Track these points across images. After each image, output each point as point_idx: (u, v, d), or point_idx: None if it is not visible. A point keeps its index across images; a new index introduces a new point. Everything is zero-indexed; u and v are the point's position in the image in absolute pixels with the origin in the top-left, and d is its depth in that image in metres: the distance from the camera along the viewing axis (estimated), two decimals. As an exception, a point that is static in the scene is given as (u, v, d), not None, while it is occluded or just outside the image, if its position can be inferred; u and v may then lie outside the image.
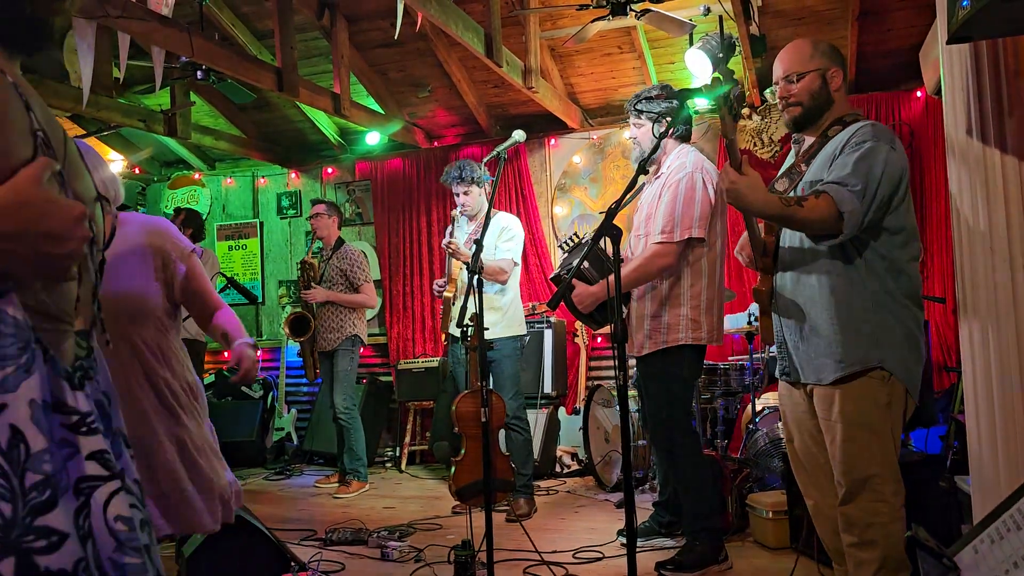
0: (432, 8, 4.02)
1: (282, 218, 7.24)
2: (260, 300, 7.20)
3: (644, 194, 3.47)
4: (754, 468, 3.90)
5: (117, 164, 7.25)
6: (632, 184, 2.59)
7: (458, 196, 4.41)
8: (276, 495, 5.26)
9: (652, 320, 3.27)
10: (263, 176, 7.33)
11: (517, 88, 5.18)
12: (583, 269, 3.15)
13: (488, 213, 3.37)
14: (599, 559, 3.42)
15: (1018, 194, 2.27)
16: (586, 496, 4.77)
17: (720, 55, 4.56)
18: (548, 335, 5.60)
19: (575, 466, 5.44)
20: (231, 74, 4.64)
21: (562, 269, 3.32)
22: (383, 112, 6.16)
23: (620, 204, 2.37)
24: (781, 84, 2.30)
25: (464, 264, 4.08)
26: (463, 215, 4.49)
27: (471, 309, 3.10)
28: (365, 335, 5.24)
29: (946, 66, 2.48)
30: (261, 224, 7.29)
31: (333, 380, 5.08)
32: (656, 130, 3.30)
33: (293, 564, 2.98)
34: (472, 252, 3.05)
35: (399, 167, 6.73)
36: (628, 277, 3.21)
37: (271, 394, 6.55)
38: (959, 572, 1.75)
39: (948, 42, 2.16)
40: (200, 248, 2.88)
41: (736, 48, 4.73)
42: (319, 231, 5.25)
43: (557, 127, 6.21)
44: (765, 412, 4.32)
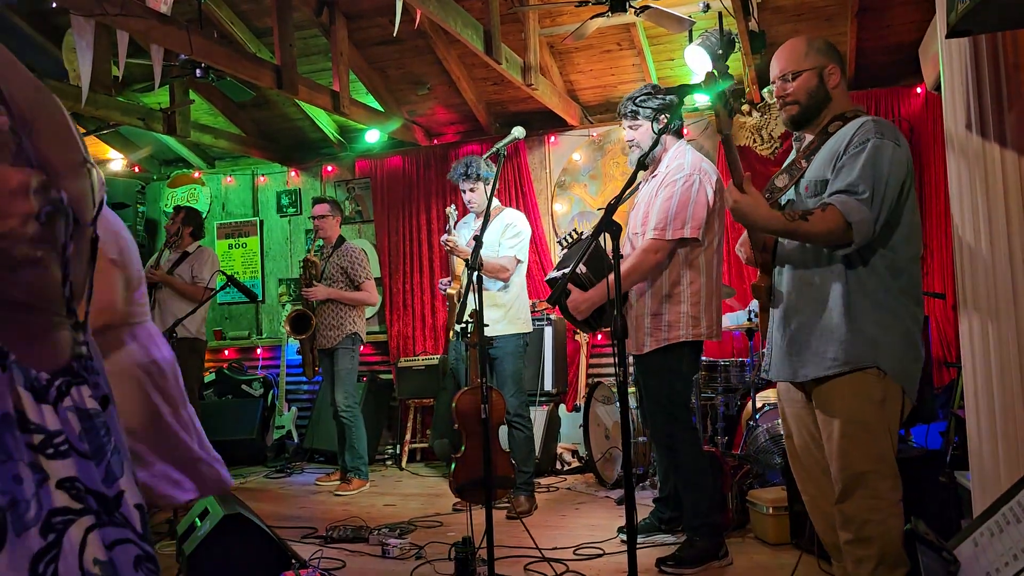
0: (431, 5, 4.02)
1: (282, 216, 7.24)
2: (260, 298, 7.20)
3: (641, 192, 3.47)
4: (754, 464, 3.90)
5: (117, 162, 7.26)
6: (632, 180, 2.59)
7: (465, 193, 4.38)
8: (277, 493, 5.27)
9: (653, 318, 3.27)
10: (263, 174, 7.32)
11: (516, 85, 5.17)
12: (579, 273, 3.14)
13: (488, 209, 3.36)
14: (599, 555, 3.42)
15: (1017, 188, 2.27)
16: (586, 493, 4.78)
17: (719, 51, 4.57)
18: (548, 332, 5.60)
19: (576, 463, 5.44)
20: (230, 72, 4.64)
21: (558, 269, 3.32)
22: (382, 110, 6.15)
23: (620, 199, 2.37)
24: (778, 83, 2.29)
25: (465, 261, 4.08)
26: (471, 212, 4.48)
27: (471, 306, 3.10)
28: (364, 333, 5.24)
29: (945, 60, 2.47)
30: (261, 222, 7.29)
31: (334, 378, 5.09)
32: (655, 127, 3.30)
33: (294, 562, 2.99)
34: (472, 249, 3.05)
35: (399, 165, 6.73)
36: (623, 274, 3.20)
37: (271, 392, 6.56)
38: (959, 565, 1.75)
39: (947, 36, 2.16)
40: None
41: (735, 44, 4.72)
42: (322, 231, 5.25)
43: (557, 124, 6.21)
44: (766, 408, 4.31)
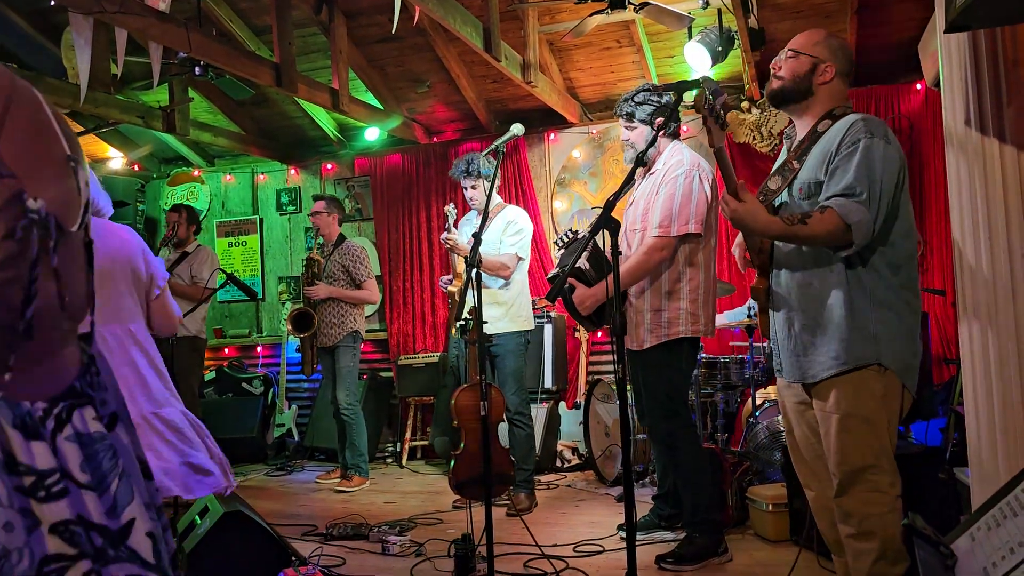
0: (430, 3, 4.01)
1: (282, 214, 7.24)
2: (260, 296, 7.20)
3: (638, 190, 3.48)
4: (754, 461, 3.90)
5: (116, 161, 7.26)
6: (629, 178, 2.60)
7: (466, 190, 4.37)
8: (277, 491, 5.27)
9: (653, 314, 3.28)
10: (262, 172, 7.32)
11: (516, 83, 5.17)
12: (583, 269, 3.15)
13: (487, 207, 3.36)
14: (599, 552, 3.43)
15: (1016, 184, 2.27)
16: (586, 490, 4.78)
17: (719, 48, 4.57)
18: (548, 330, 5.60)
19: (575, 460, 5.44)
20: (229, 70, 4.64)
21: (559, 268, 3.31)
22: (382, 108, 6.15)
23: (617, 196, 2.37)
24: (781, 55, 2.31)
25: (465, 258, 4.07)
26: (472, 209, 4.47)
27: (470, 303, 3.10)
28: (364, 331, 5.25)
29: (944, 56, 2.47)
30: (261, 220, 7.29)
31: (335, 376, 5.09)
32: (651, 129, 3.33)
33: (294, 559, 2.99)
34: (471, 246, 3.05)
35: (398, 163, 6.73)
36: (628, 272, 3.22)
37: (272, 390, 6.56)
38: (956, 559, 1.75)
39: (946, 31, 2.15)
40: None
41: (735, 41, 4.72)
42: (319, 228, 5.26)
43: (556, 122, 6.21)
44: (765, 406, 4.31)
